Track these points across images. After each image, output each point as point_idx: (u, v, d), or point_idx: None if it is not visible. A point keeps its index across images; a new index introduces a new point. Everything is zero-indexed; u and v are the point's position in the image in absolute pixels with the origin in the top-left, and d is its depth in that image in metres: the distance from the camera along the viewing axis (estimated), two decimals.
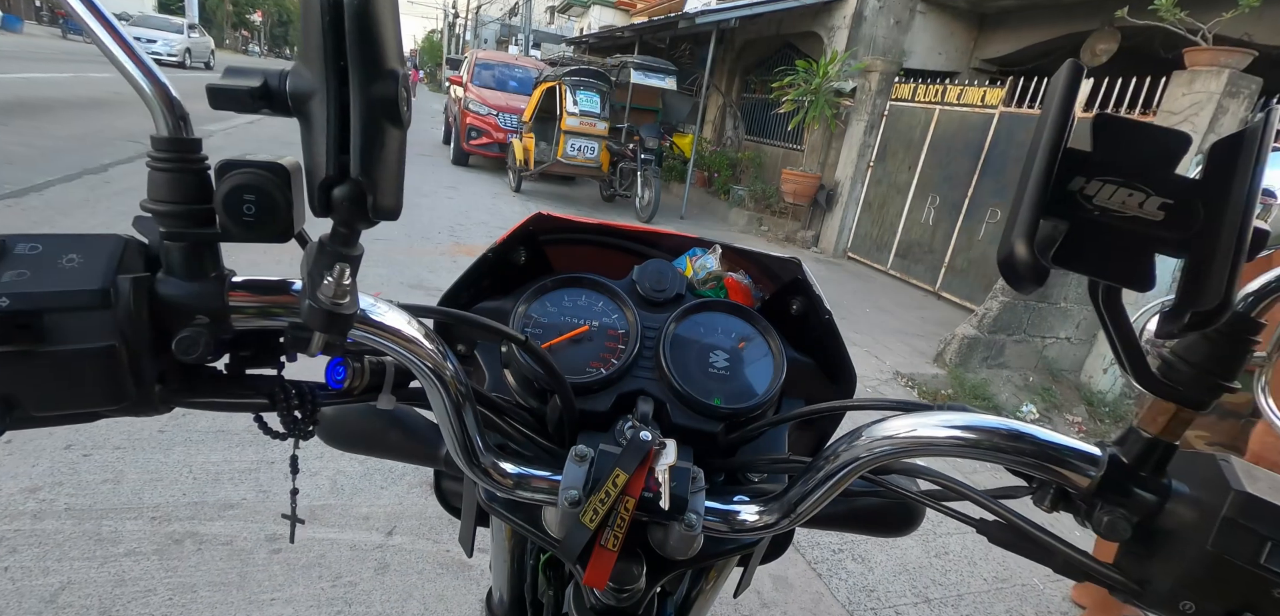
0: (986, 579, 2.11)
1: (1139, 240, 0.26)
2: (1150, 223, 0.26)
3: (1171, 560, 0.29)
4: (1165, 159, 0.26)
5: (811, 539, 2.10)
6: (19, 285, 0.27)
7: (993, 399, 3.86)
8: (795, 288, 0.58)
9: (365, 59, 0.24)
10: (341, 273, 0.28)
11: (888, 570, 2.04)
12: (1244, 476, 0.28)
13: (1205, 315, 0.25)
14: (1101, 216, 0.26)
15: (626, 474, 0.36)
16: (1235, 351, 0.28)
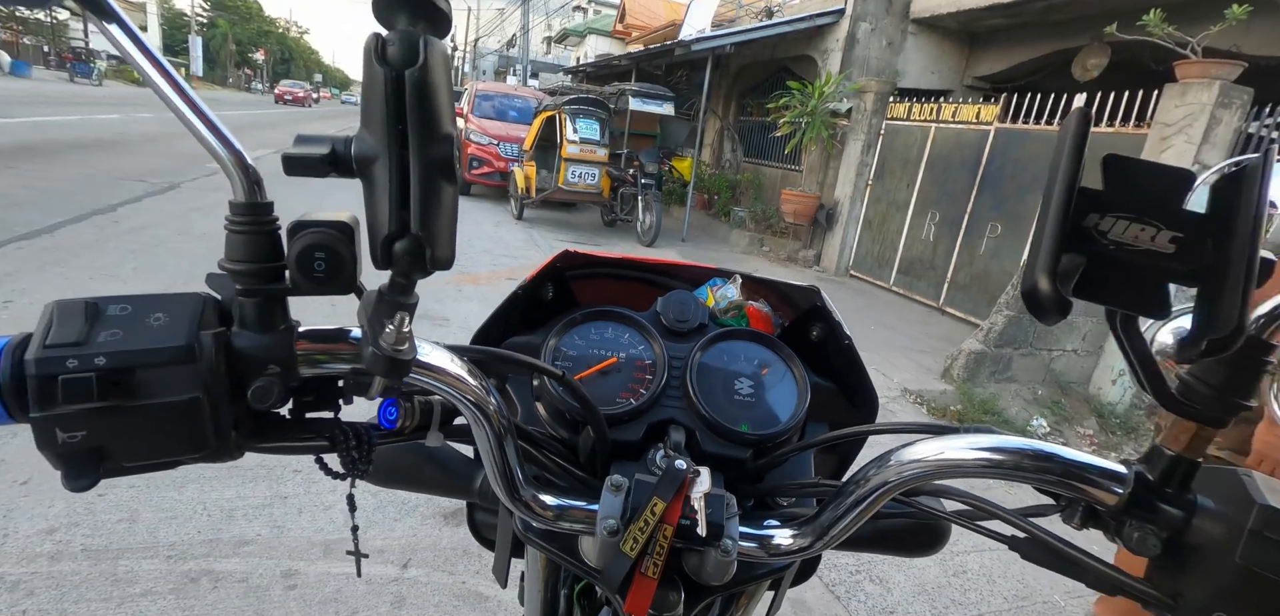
0: (1007, 597, 2.08)
1: (1153, 271, 0.28)
2: (1162, 254, 0.28)
3: (1202, 574, 0.30)
4: (1172, 194, 0.28)
5: (830, 560, 2.08)
6: (113, 344, 0.29)
7: (1002, 413, 3.84)
8: (815, 314, 0.59)
9: (423, 125, 0.26)
10: (402, 320, 0.30)
11: (907, 591, 2.02)
12: (1266, 490, 0.29)
13: (1220, 342, 0.27)
14: (1116, 250, 0.28)
15: (664, 502, 0.37)
16: (1251, 371, 0.30)
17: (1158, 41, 3.89)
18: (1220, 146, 3.83)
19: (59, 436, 0.28)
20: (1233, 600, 0.29)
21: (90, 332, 0.29)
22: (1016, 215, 5.24)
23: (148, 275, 3.78)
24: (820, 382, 0.55)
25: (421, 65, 0.25)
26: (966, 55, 7.64)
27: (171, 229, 4.88)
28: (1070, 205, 0.27)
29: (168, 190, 6.21)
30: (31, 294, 3.25)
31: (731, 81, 10.34)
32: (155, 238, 4.58)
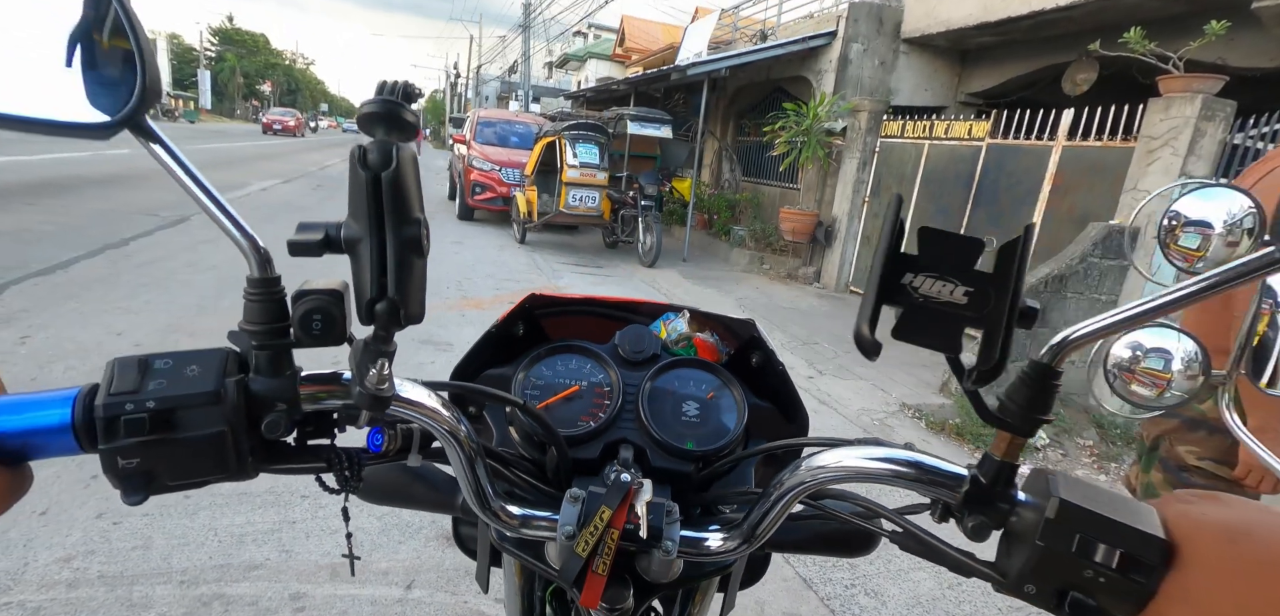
0: (1001, 607, 2.10)
1: (951, 318, 0.35)
2: (958, 305, 0.35)
3: (1019, 554, 0.37)
4: (969, 258, 0.35)
5: (824, 575, 2.12)
6: (159, 391, 0.36)
7: None
8: (753, 344, 0.66)
9: (396, 213, 0.33)
10: (382, 365, 0.37)
11: (900, 603, 2.05)
12: (1064, 486, 0.35)
13: (989, 372, 0.34)
14: (924, 302, 0.35)
15: (611, 509, 0.43)
16: (1046, 391, 0.36)
17: (1139, 57, 3.98)
18: (1206, 158, 3.89)
19: (119, 462, 0.35)
20: (1037, 574, 0.36)
21: (142, 383, 0.36)
22: (1011, 229, 5.29)
23: (158, 308, 3.88)
24: (759, 404, 0.62)
25: (394, 167, 0.32)
26: (959, 72, 7.77)
27: (181, 261, 5.00)
28: (888, 269, 0.35)
29: (178, 224, 6.36)
30: (48, 329, 3.35)
31: (728, 103, 10.51)
32: (166, 271, 4.70)
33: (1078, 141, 4.77)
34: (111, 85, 0.35)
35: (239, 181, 10.56)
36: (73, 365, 2.95)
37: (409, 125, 0.33)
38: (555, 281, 6.21)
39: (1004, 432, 0.37)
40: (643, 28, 21.14)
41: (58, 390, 0.36)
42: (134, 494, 0.36)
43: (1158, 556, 0.33)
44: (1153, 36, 4.18)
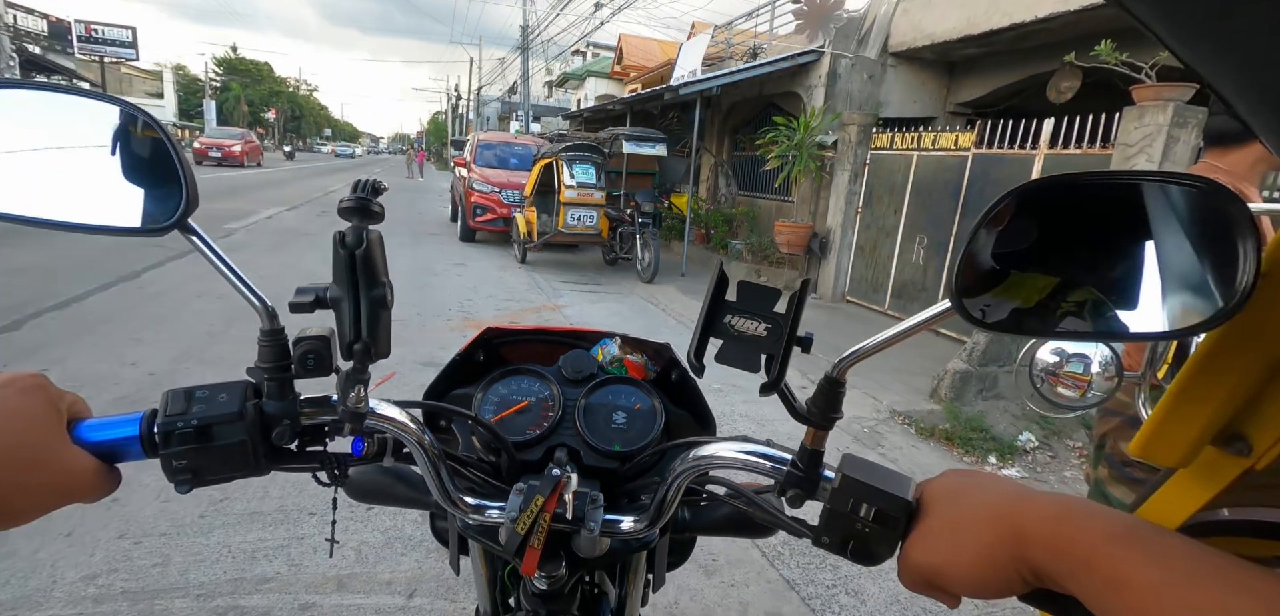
0: (977, 604, 2.18)
1: (757, 347, 0.47)
2: (761, 337, 0.47)
3: (821, 516, 0.49)
4: (770, 301, 0.48)
5: (807, 577, 2.21)
6: (201, 413, 0.49)
7: (990, 431, 3.94)
8: (673, 363, 0.80)
9: (367, 278, 0.46)
10: (359, 390, 0.50)
11: (880, 602, 2.14)
12: (849, 465, 0.48)
13: (773, 383, 0.46)
14: (738, 335, 0.48)
15: (544, 496, 0.54)
16: (835, 396, 0.48)
17: (1112, 68, 4.11)
18: (1180, 164, 4.00)
19: (174, 464, 0.49)
20: (829, 528, 0.48)
21: (188, 407, 0.49)
22: None
23: (169, 340, 4.03)
24: (677, 412, 0.75)
25: (365, 246, 0.45)
26: (947, 83, 7.92)
27: (191, 291, 5.16)
28: (712, 312, 0.48)
29: (188, 254, 6.52)
30: (65, 361, 3.50)
31: (723, 119, 10.69)
32: (177, 301, 4.86)
33: (1059, 150, 4.89)
34: (163, 197, 0.49)
35: (246, 210, 10.78)
36: (90, 395, 3.07)
37: (376, 214, 0.46)
38: (555, 300, 6.34)
39: (809, 427, 0.50)
40: (640, 45, 21.46)
41: (131, 413, 0.49)
42: (184, 486, 0.50)
43: (902, 511, 0.45)
44: (1129, 46, 4.31)
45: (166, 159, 0.49)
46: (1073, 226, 0.39)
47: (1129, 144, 4.17)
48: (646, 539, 0.64)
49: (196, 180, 0.50)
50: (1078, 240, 0.40)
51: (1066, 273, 0.40)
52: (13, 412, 0.39)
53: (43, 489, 0.40)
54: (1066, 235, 0.40)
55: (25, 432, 0.39)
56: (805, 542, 0.63)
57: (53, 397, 0.43)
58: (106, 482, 0.46)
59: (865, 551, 0.47)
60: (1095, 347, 1.36)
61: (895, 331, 0.46)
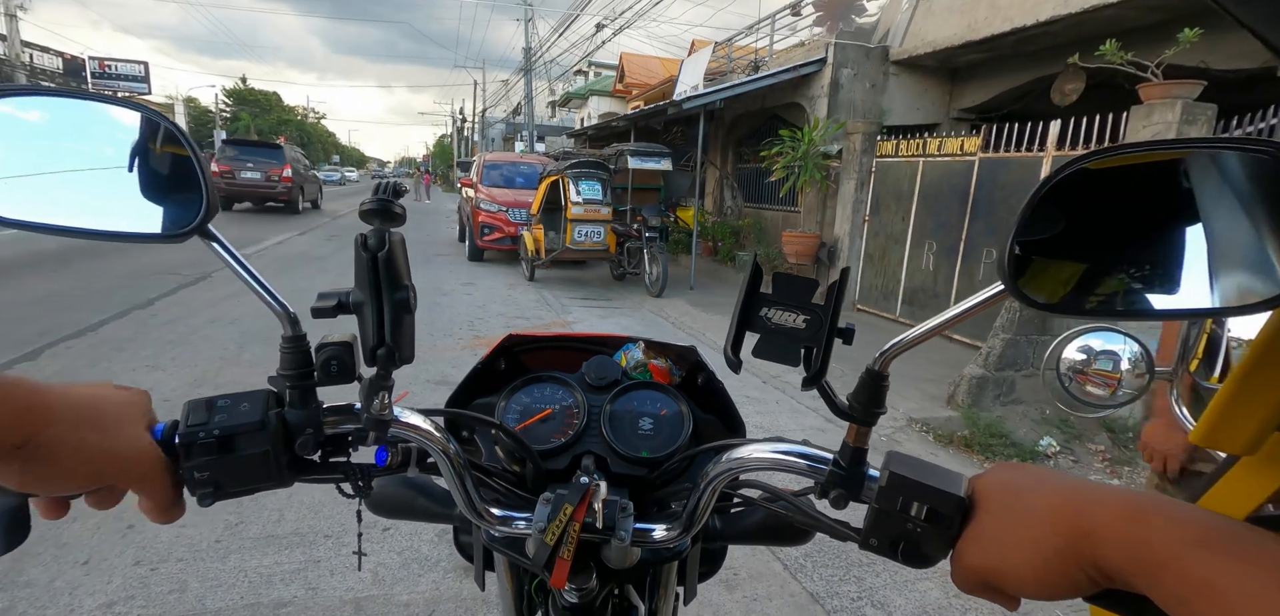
0: (1006, 612, 2.13)
1: (796, 340, 0.46)
2: (799, 329, 0.46)
3: (867, 517, 0.47)
4: (807, 293, 0.46)
5: (830, 588, 2.16)
6: (222, 423, 0.48)
7: (1010, 436, 3.87)
8: (698, 367, 0.77)
9: (389, 282, 0.45)
10: (383, 396, 0.48)
11: (907, 613, 2.08)
12: (895, 462, 0.45)
13: (815, 376, 0.45)
14: (775, 328, 0.46)
15: (573, 505, 0.52)
16: (878, 391, 0.46)
17: (1117, 68, 4.09)
18: None
19: (196, 476, 0.47)
20: (877, 529, 0.46)
21: (210, 417, 0.48)
22: None
23: (185, 365, 4.05)
24: (705, 416, 0.72)
25: (387, 249, 0.44)
26: (949, 89, 7.93)
27: (204, 318, 5.20)
28: (748, 305, 0.46)
29: (199, 281, 6.61)
30: None
31: (726, 132, 10.75)
32: (190, 327, 4.89)
33: (1067, 151, 4.86)
34: (183, 203, 0.48)
35: (257, 236, 10.90)
36: None
37: (398, 216, 0.45)
38: (564, 316, 6.34)
39: (852, 424, 0.48)
40: (641, 63, 21.69)
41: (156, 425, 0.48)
42: (207, 499, 0.48)
43: (955, 509, 0.43)
44: (1132, 46, 4.30)
45: (187, 166, 0.48)
46: (1119, 204, 0.38)
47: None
48: (678, 548, 0.62)
49: (217, 192, 0.49)
50: (1124, 218, 0.38)
51: (1116, 251, 0.39)
52: (105, 392, 0.45)
53: (108, 454, 0.42)
54: (1114, 213, 0.39)
55: (107, 405, 0.44)
56: (827, 553, 0.61)
57: (146, 403, 0.47)
58: (165, 479, 0.46)
59: (916, 552, 0.45)
60: (1124, 343, 1.32)
61: (941, 320, 0.44)
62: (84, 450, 0.41)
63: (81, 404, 0.41)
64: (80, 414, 0.41)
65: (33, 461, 0.38)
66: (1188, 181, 0.37)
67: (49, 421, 0.39)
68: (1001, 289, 0.40)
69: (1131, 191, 0.38)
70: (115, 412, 0.44)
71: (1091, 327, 1.36)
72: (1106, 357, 1.37)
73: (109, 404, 0.44)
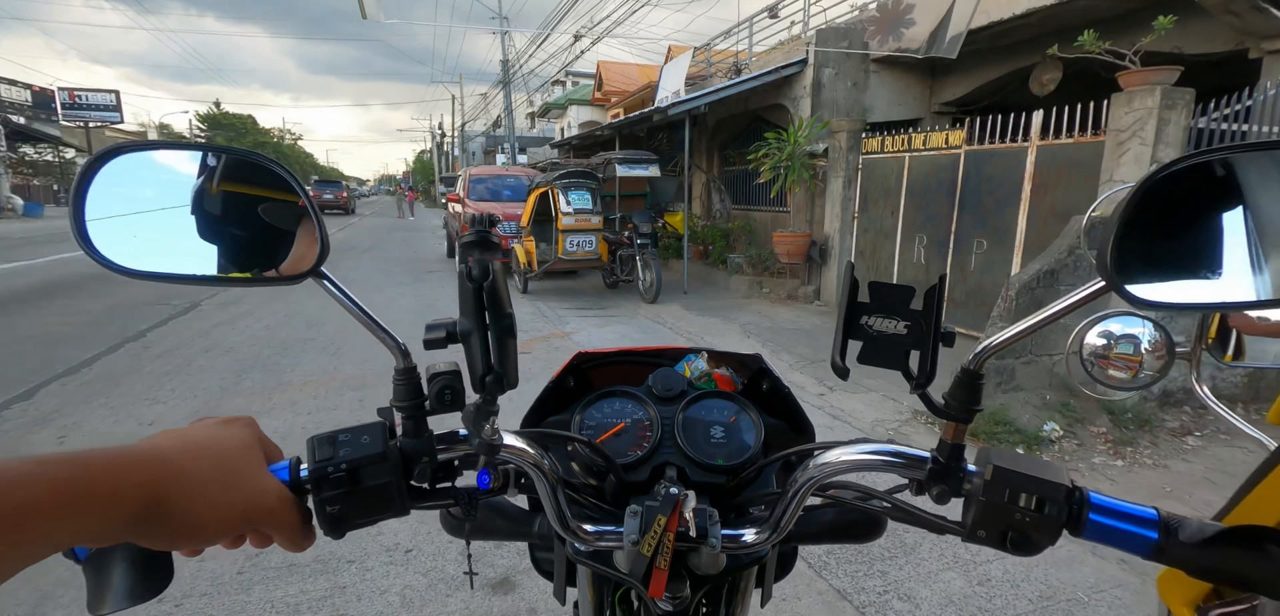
0: (1031, 598, 2.17)
1: (897, 344, 0.49)
2: (901, 335, 0.49)
3: (971, 511, 0.48)
4: (905, 299, 0.49)
5: (857, 585, 2.20)
6: (347, 455, 0.49)
7: (1013, 423, 3.95)
8: (762, 373, 0.80)
9: (494, 310, 0.46)
10: (493, 422, 0.50)
11: (933, 604, 2.12)
12: (997, 456, 0.48)
13: (924, 379, 0.47)
14: (877, 335, 0.49)
15: (666, 516, 0.53)
16: (974, 389, 0.48)
17: (1096, 56, 4.22)
18: (1174, 145, 4.10)
19: (327, 510, 0.48)
20: (984, 522, 0.48)
21: (335, 452, 0.49)
22: (998, 229, 5.49)
23: (185, 396, 3.98)
24: (773, 422, 0.74)
25: (491, 278, 0.46)
26: (930, 84, 8.08)
27: (198, 347, 5.11)
28: (850, 316, 0.49)
29: (189, 311, 6.49)
30: (82, 426, 3.44)
31: (711, 136, 10.83)
32: (185, 358, 4.81)
33: (1051, 140, 4.99)
34: (298, 245, 0.51)
35: None
36: None
37: (496, 246, 0.47)
38: (561, 327, 6.33)
39: (949, 422, 0.50)
40: (619, 70, 21.75)
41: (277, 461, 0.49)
42: (336, 531, 0.49)
43: (1065, 498, 0.46)
44: (1109, 34, 4.43)
45: (302, 210, 0.50)
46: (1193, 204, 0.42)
47: (1120, 129, 4.27)
48: (761, 551, 0.63)
49: (329, 237, 0.51)
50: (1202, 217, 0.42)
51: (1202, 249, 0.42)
52: (222, 437, 0.44)
53: (237, 505, 0.42)
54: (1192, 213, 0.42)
55: (229, 453, 0.43)
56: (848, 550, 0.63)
57: (258, 434, 0.47)
58: (295, 516, 0.46)
59: (1025, 541, 0.48)
60: (1143, 326, 1.37)
61: (1038, 319, 0.47)
62: (214, 505, 0.40)
63: (203, 455, 0.41)
64: (205, 468, 0.40)
65: (162, 523, 0.37)
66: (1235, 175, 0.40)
67: (176, 479, 0.38)
68: (1101, 284, 0.43)
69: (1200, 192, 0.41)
70: (236, 459, 0.43)
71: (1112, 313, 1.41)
72: (1127, 341, 1.42)
73: (229, 449, 0.43)
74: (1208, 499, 2.98)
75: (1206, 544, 0.45)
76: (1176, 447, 3.65)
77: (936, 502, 0.52)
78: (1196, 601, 0.89)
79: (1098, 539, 0.48)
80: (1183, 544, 0.46)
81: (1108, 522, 0.48)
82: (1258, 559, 0.44)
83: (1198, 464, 3.42)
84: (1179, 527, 0.46)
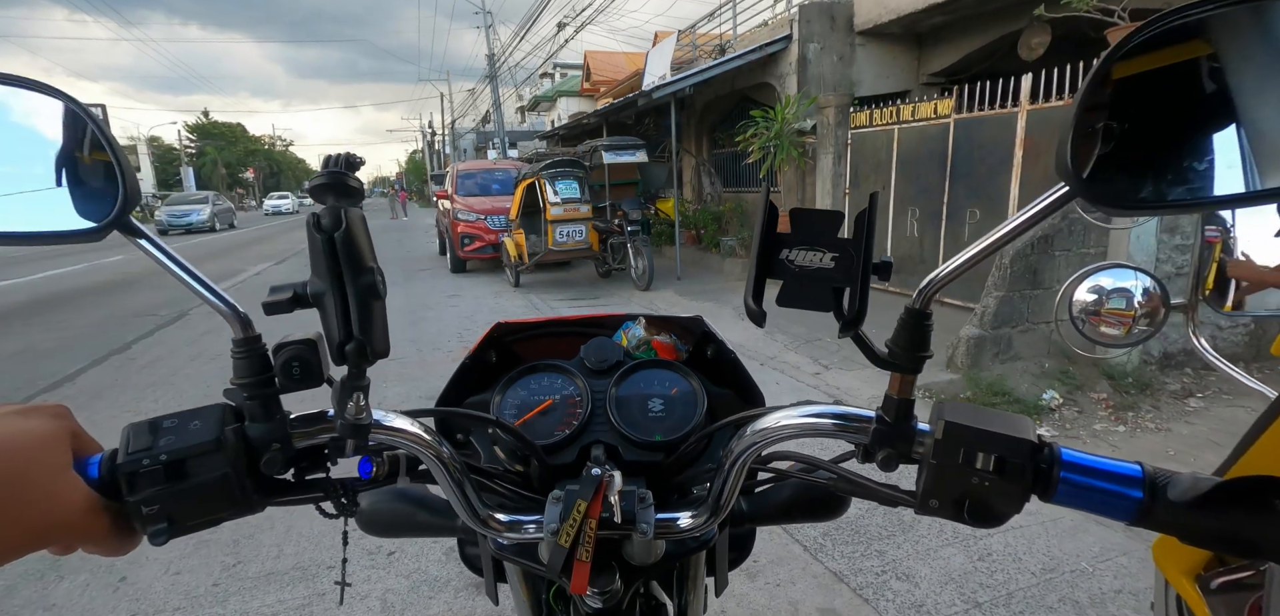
0: (1034, 572, 2.10)
1: (823, 281, 0.41)
2: (827, 269, 0.41)
3: (922, 476, 0.42)
4: (832, 227, 0.41)
5: (853, 565, 2.14)
6: (169, 446, 0.41)
7: (1011, 393, 3.89)
8: (706, 338, 0.72)
9: (351, 265, 0.38)
10: (357, 398, 0.42)
11: (933, 583, 2.06)
12: (950, 410, 0.41)
13: (853, 320, 0.40)
14: (800, 271, 0.41)
15: (586, 501, 0.47)
16: (922, 332, 0.41)
17: (1084, 14, 4.12)
18: None
19: (144, 511, 0.40)
20: (937, 489, 0.41)
21: (154, 441, 0.41)
22: (991, 197, 5.41)
23: (169, 405, 3.89)
24: (719, 391, 0.67)
25: (345, 228, 0.38)
26: (917, 55, 7.96)
27: (184, 356, 5.03)
28: (765, 249, 0.41)
29: (176, 320, 6.41)
30: None
31: (698, 119, 10.71)
32: (170, 368, 4.73)
33: (1041, 104, 4.90)
34: (98, 196, 0.41)
35: (234, 269, 10.64)
36: None
37: (354, 191, 0.39)
38: None
39: (895, 373, 0.43)
40: (607, 59, 21.57)
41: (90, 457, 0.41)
42: (160, 537, 0.41)
43: (1029, 456, 0.39)
44: None
45: (99, 152, 0.42)
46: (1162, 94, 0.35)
47: None
48: (705, 536, 0.57)
49: (137, 179, 0.42)
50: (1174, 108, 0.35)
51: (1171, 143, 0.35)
52: (7, 434, 0.35)
53: (20, 521, 0.34)
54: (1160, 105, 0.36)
55: (12, 455, 0.35)
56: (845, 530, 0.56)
57: (68, 426, 0.39)
58: (103, 522, 0.39)
59: (984, 510, 0.41)
60: (1136, 278, 1.30)
61: (989, 241, 0.40)
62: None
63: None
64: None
65: None
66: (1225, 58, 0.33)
67: None
68: (1063, 190, 0.36)
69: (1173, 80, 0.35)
70: (24, 461, 0.35)
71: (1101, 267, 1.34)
72: (1119, 295, 1.35)
73: (13, 449, 0.35)
74: (1214, 462, 2.93)
75: (1200, 502, 0.38)
76: (1179, 410, 3.60)
77: (882, 469, 0.45)
78: (1196, 569, 0.82)
79: (1072, 503, 0.41)
80: (1173, 504, 0.39)
81: (1083, 482, 0.41)
82: (1262, 517, 0.37)
83: (1202, 425, 3.36)
84: (1167, 485, 0.39)
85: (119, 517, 0.40)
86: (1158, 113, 0.35)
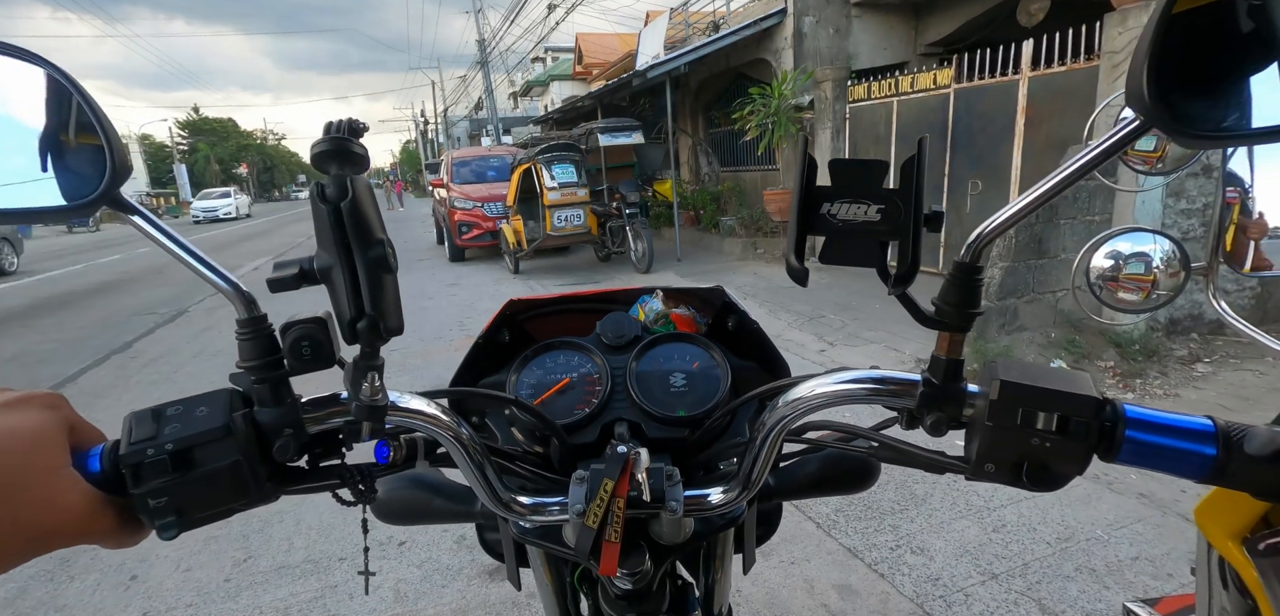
0: (1049, 542, 2.09)
1: (868, 235, 0.38)
2: (873, 223, 0.38)
3: (975, 440, 0.40)
4: (877, 178, 0.39)
5: (868, 542, 2.13)
6: (175, 434, 0.39)
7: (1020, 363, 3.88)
8: (727, 308, 0.70)
9: (359, 237, 0.35)
10: (373, 378, 0.39)
11: (948, 555, 2.05)
12: (1005, 369, 0.39)
13: (906, 275, 0.37)
14: (843, 225, 0.39)
15: (613, 480, 0.45)
16: (972, 288, 0.39)
17: None
18: None
19: (150, 503, 0.38)
20: (992, 453, 0.39)
21: (158, 429, 0.39)
22: (993, 167, 5.35)
23: None
24: (742, 364, 0.65)
25: (351, 197, 0.35)
26: (915, 25, 7.84)
27: (187, 353, 5.01)
28: (805, 204, 0.39)
29: (176, 318, 6.37)
30: None
31: (694, 98, 10.58)
32: (173, 365, 4.71)
33: (1042, 70, 4.83)
34: (85, 171, 0.39)
35: (232, 264, 10.52)
36: None
37: (359, 157, 0.36)
38: None
39: (943, 332, 0.40)
40: (598, 41, 21.29)
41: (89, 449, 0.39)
42: (168, 532, 0.39)
43: (1094, 414, 0.36)
44: None
45: (86, 124, 0.39)
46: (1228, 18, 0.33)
47: (1115, 51, 4.11)
48: (735, 513, 0.55)
49: (128, 152, 0.39)
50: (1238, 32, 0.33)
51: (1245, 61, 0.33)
52: (6, 426, 0.33)
53: (24, 528, 0.32)
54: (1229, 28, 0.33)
55: (11, 451, 0.33)
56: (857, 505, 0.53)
57: (64, 416, 0.37)
58: (108, 518, 0.36)
59: (1044, 472, 0.38)
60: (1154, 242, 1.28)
61: (1049, 184, 0.37)
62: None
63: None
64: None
65: None
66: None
67: None
68: (1135, 123, 0.34)
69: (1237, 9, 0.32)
70: (15, 463, 0.32)
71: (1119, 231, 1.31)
72: (1138, 260, 1.32)
73: (2, 452, 0.32)
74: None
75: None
76: (1186, 376, 3.59)
77: (931, 434, 0.43)
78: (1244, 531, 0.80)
79: (1138, 462, 0.39)
80: (1251, 459, 0.36)
81: (1152, 440, 0.38)
82: None
83: (1209, 390, 3.35)
84: (1244, 438, 0.37)
85: (124, 512, 0.37)
86: (1230, 42, 0.33)
